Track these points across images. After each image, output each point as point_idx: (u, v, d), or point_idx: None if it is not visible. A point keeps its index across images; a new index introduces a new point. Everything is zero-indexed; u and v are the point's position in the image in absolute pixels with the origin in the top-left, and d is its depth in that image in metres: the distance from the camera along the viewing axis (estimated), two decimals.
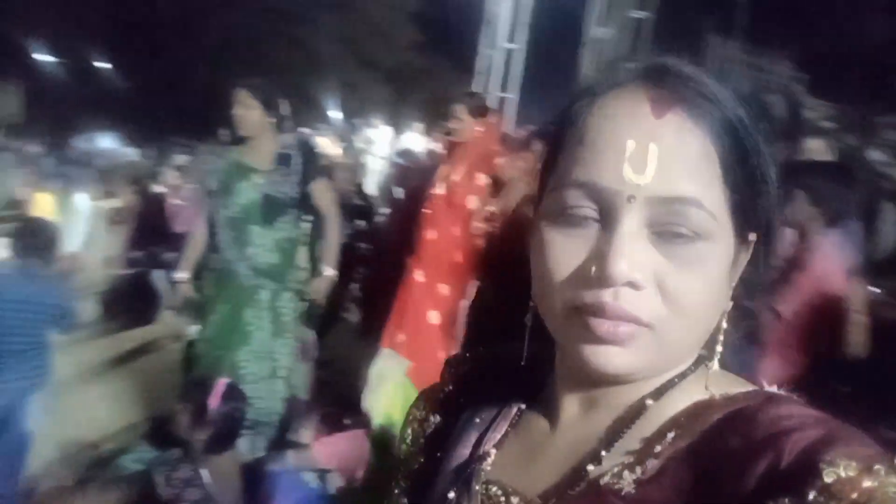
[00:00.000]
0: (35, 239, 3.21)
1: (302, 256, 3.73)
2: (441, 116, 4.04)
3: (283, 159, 3.32)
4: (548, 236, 0.58)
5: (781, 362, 2.41)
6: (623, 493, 0.55)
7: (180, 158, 10.63)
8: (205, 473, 2.32)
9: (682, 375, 0.60)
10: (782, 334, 2.44)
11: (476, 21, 10.25)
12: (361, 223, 6.11)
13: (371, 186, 8.99)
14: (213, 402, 2.36)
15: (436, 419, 0.75)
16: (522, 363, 0.71)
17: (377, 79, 24.05)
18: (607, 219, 0.55)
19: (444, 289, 3.40)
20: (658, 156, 0.53)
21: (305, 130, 11.50)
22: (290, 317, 3.39)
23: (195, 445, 2.36)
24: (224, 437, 2.37)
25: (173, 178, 9.59)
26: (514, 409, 0.70)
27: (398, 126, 11.89)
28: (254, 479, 2.42)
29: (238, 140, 3.31)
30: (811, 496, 0.46)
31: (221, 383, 2.46)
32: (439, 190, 3.44)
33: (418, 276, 3.45)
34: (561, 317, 0.57)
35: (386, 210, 6.35)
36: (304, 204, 3.41)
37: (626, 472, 0.55)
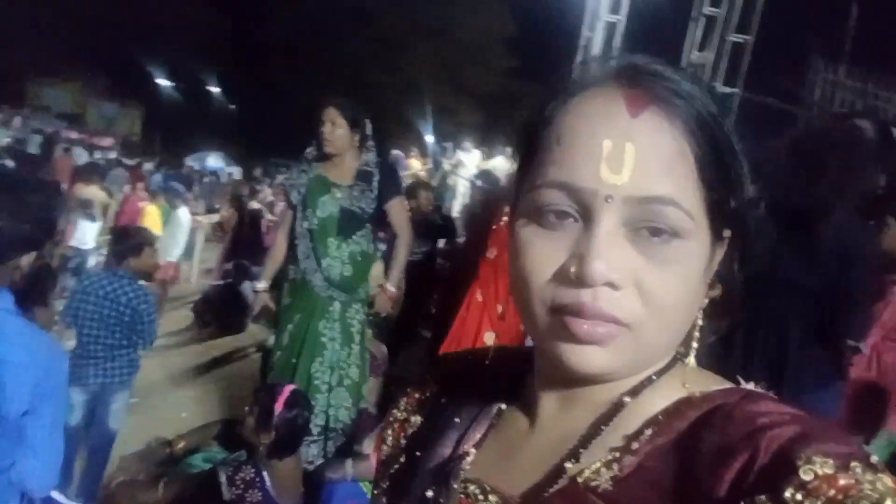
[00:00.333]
0: (124, 243, 3.41)
1: (378, 272, 3.81)
2: None
3: (363, 176, 3.42)
4: (525, 237, 0.58)
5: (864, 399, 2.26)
6: (601, 491, 0.54)
7: (279, 177, 11.14)
8: (267, 476, 2.39)
9: (660, 373, 0.60)
10: (864, 369, 2.29)
11: (570, 47, 10.22)
12: (440, 242, 6.19)
13: (456, 207, 9.07)
14: (278, 407, 2.43)
15: (417, 420, 0.75)
16: (487, 362, 0.71)
17: (471, 103, 24.44)
18: (585, 219, 0.55)
19: (500, 309, 3.38)
20: (635, 155, 0.53)
21: (397, 151, 11.79)
22: (359, 329, 3.46)
23: (259, 449, 2.44)
24: (286, 442, 2.43)
25: (270, 196, 10.06)
26: (495, 409, 0.70)
27: (489, 150, 11.97)
28: (313, 486, 2.46)
29: (324, 157, 3.43)
30: (788, 493, 0.45)
31: (287, 390, 2.54)
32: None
33: (478, 295, 3.47)
34: (539, 317, 0.57)
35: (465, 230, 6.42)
36: (381, 221, 3.49)
37: (603, 470, 0.55)
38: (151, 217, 7.67)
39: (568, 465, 0.58)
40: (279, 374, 3.37)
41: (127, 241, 3.40)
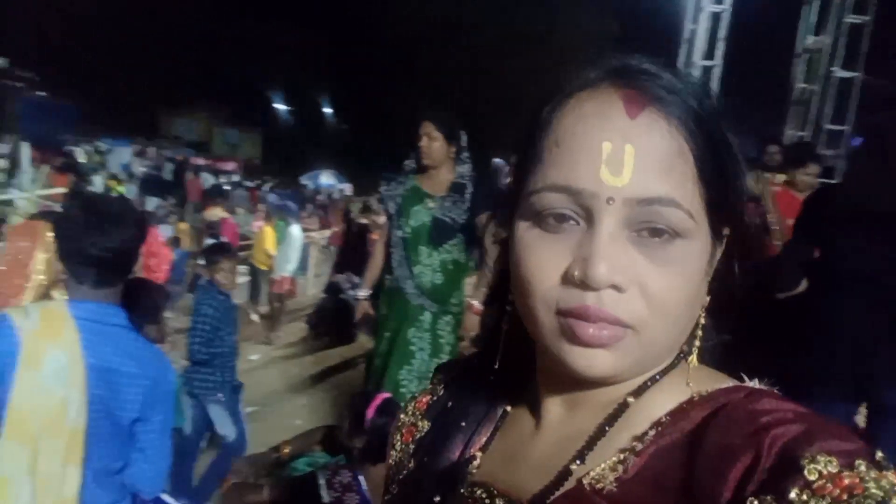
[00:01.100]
0: (206, 257, 3.68)
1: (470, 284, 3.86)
2: None
3: (457, 188, 3.50)
4: (527, 241, 0.58)
5: None
6: (605, 492, 0.55)
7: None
8: (363, 480, 2.48)
9: (663, 372, 0.60)
10: None
11: (674, 42, 9.88)
12: None
13: None
14: (369, 414, 2.52)
15: (425, 425, 0.75)
16: (496, 366, 0.71)
17: None
18: (586, 221, 0.55)
19: None
20: (634, 156, 0.53)
21: (499, 160, 11.79)
22: (448, 341, 3.51)
23: (354, 453, 2.53)
24: (377, 447, 2.51)
25: (378, 210, 10.34)
26: (500, 411, 0.71)
27: None
28: None
29: (421, 169, 3.53)
30: (793, 494, 0.45)
31: (380, 397, 2.63)
32: None
33: None
34: (543, 320, 0.57)
35: None
36: (470, 234, 3.54)
37: (609, 472, 0.55)
38: (267, 236, 8.10)
39: (573, 466, 0.58)
40: (374, 381, 3.49)
41: (209, 255, 3.66)
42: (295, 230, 8.25)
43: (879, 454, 0.47)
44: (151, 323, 2.37)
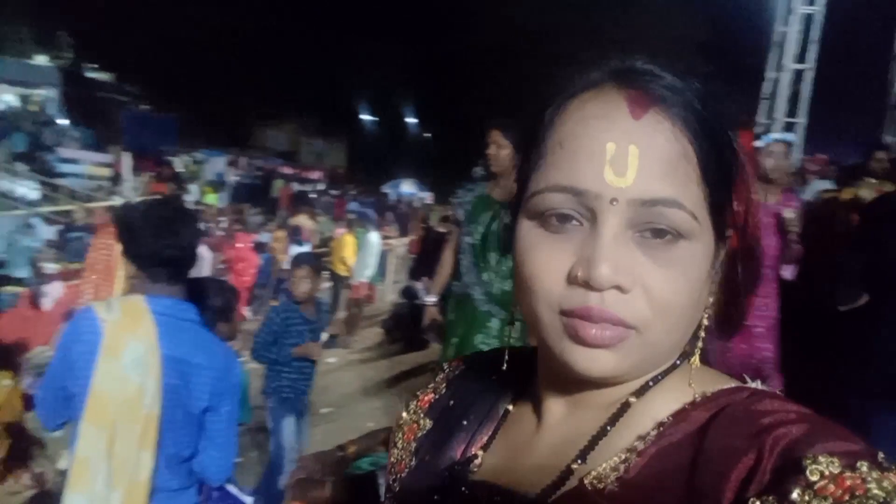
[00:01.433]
0: (295, 265, 3.83)
1: None
2: None
3: None
4: (531, 241, 0.58)
5: None
6: (607, 492, 0.54)
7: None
8: None
9: (665, 373, 0.60)
10: None
11: (763, 46, 9.54)
12: None
13: None
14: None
15: (427, 423, 0.75)
16: (504, 367, 0.71)
17: None
18: (590, 222, 0.55)
19: None
20: (638, 157, 0.53)
21: None
22: None
23: None
24: None
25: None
26: (502, 410, 0.71)
27: None
28: None
29: (490, 176, 3.55)
30: (795, 495, 0.45)
31: None
32: None
33: None
34: (546, 320, 0.56)
35: None
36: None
37: (610, 472, 0.55)
38: (346, 244, 8.32)
39: (574, 466, 0.58)
40: None
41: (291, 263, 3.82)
42: (373, 237, 8.43)
43: (881, 455, 0.47)
44: (223, 321, 2.49)
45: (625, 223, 0.54)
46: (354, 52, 31.51)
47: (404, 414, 0.78)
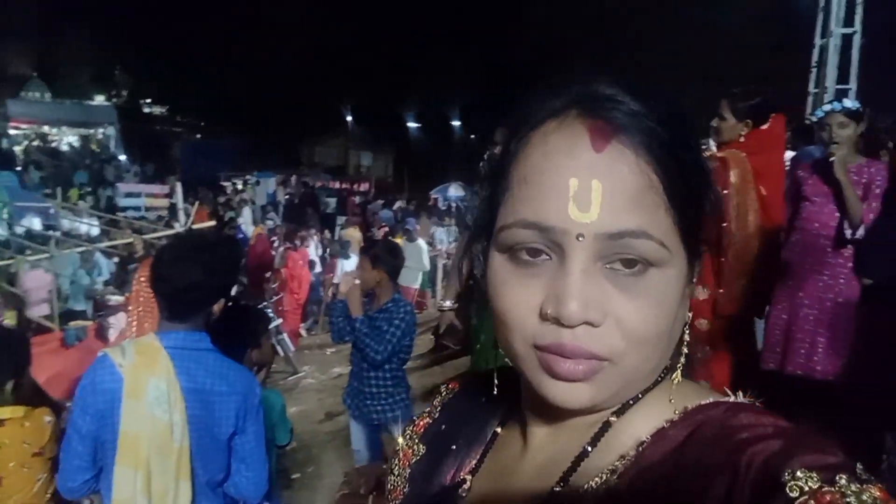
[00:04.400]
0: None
1: None
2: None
3: None
4: (503, 275, 0.58)
5: None
6: None
7: None
8: None
9: (646, 391, 0.60)
10: None
11: (811, 12, 9.16)
12: None
13: None
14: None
15: (420, 449, 0.76)
16: (494, 390, 0.71)
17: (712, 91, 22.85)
18: (559, 256, 0.54)
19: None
20: (602, 192, 0.52)
21: None
22: None
23: None
24: None
25: None
26: (490, 433, 0.71)
27: None
28: None
29: None
30: None
31: None
32: None
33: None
34: (522, 353, 0.57)
35: None
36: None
37: (591, 493, 0.56)
38: None
39: (557, 489, 0.59)
40: None
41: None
42: (418, 245, 8.47)
43: (860, 466, 0.46)
44: (252, 347, 2.53)
45: (593, 257, 0.53)
46: (397, 61, 31.82)
47: (400, 440, 0.79)
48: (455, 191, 21.49)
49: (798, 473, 0.45)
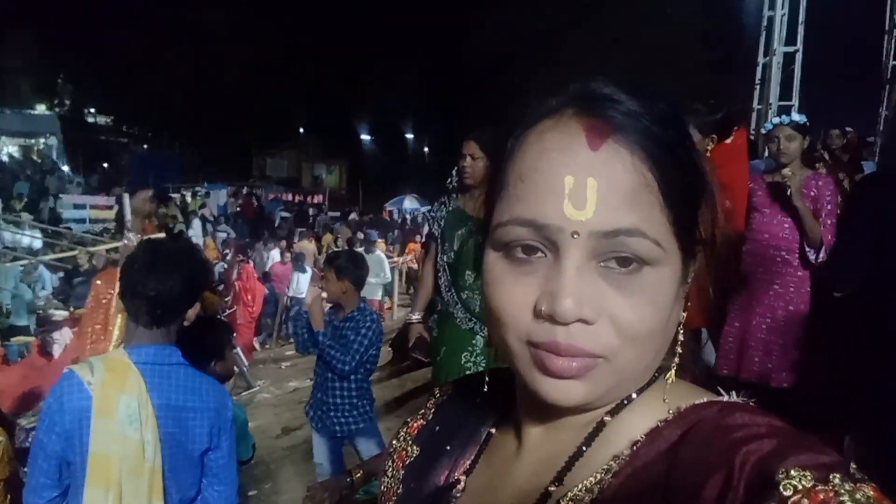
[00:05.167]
0: None
1: None
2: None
3: None
4: (498, 273, 0.58)
5: None
6: None
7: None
8: None
9: (640, 390, 0.60)
10: None
11: (755, 32, 9.53)
12: None
13: None
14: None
15: (414, 450, 0.76)
16: (486, 389, 0.71)
17: None
18: (554, 254, 0.55)
19: None
20: (597, 190, 0.53)
21: None
22: None
23: None
24: None
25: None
26: (484, 434, 0.71)
27: None
28: None
29: (464, 189, 3.40)
30: None
31: None
32: None
33: None
34: (516, 351, 0.57)
35: None
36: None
37: (585, 493, 0.56)
38: None
39: (552, 488, 0.59)
40: None
41: None
42: (378, 256, 8.44)
43: (853, 466, 0.47)
44: (218, 359, 2.48)
45: (587, 254, 0.54)
46: (351, 74, 31.75)
47: (394, 441, 0.79)
48: (410, 203, 21.49)
49: (792, 472, 0.45)
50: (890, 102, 8.02)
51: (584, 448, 0.59)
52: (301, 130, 33.23)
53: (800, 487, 0.44)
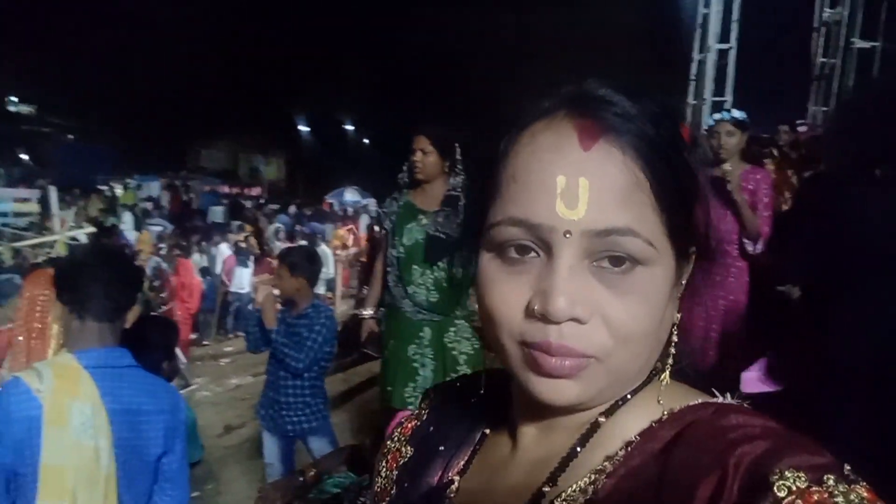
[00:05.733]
0: None
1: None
2: None
3: (450, 201, 3.33)
4: (491, 273, 0.59)
5: None
6: None
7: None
8: None
9: (635, 391, 0.61)
10: None
11: (689, 28, 9.79)
12: None
13: None
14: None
15: (408, 450, 0.76)
16: (482, 391, 0.72)
17: None
18: (547, 253, 0.55)
19: None
20: (589, 189, 0.53)
21: None
22: (463, 349, 3.35)
23: None
24: None
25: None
26: (479, 434, 0.72)
27: None
28: None
29: (414, 183, 3.42)
30: None
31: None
32: None
33: None
34: (509, 351, 0.58)
35: None
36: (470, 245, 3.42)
37: (579, 493, 0.56)
38: None
39: (546, 489, 0.59)
40: (385, 399, 3.40)
41: None
42: (322, 250, 8.33)
43: (847, 467, 0.47)
44: (167, 359, 2.42)
45: (580, 254, 0.54)
46: (287, 64, 31.12)
47: (388, 442, 0.79)
48: (351, 195, 21.27)
49: (786, 473, 0.46)
50: (818, 98, 8.40)
51: (578, 449, 0.60)
52: (238, 121, 32.44)
53: (794, 489, 0.45)
